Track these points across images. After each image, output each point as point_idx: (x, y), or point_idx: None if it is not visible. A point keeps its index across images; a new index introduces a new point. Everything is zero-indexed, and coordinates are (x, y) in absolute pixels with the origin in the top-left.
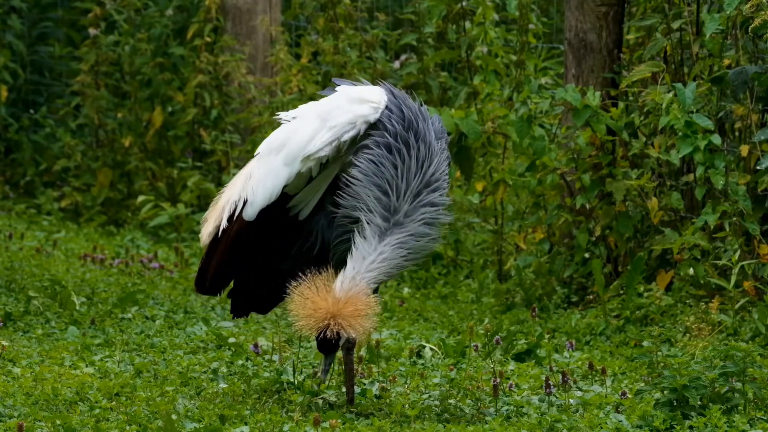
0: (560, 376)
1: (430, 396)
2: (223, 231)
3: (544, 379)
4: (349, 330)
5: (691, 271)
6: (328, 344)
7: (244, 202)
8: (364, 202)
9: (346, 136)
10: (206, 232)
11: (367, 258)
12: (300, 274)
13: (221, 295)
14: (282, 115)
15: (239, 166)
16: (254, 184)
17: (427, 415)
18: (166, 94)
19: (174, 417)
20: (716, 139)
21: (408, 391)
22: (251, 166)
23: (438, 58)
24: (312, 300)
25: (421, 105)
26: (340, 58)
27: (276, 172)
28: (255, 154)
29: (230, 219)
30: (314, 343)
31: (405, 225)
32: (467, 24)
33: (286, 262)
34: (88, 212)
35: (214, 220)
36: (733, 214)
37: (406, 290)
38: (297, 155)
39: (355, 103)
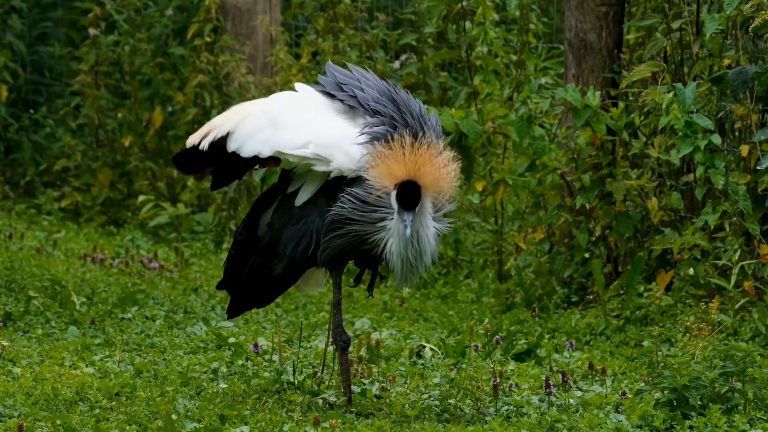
0: (560, 376)
1: (430, 396)
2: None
3: (544, 379)
4: (427, 186)
5: (691, 271)
6: (408, 199)
7: (228, 134)
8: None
9: (318, 167)
10: (192, 140)
11: None
12: (294, 276)
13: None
14: (300, 86)
15: None
16: (243, 127)
17: (427, 415)
18: (166, 94)
19: (174, 417)
20: (716, 139)
21: (408, 391)
22: (254, 108)
23: (438, 58)
24: (390, 161)
25: (421, 107)
26: (340, 58)
27: (257, 139)
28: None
29: (212, 144)
30: (314, 343)
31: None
32: (467, 24)
33: (281, 264)
34: (88, 212)
35: (201, 135)
36: (733, 214)
37: (406, 290)
38: (273, 146)
39: (343, 153)
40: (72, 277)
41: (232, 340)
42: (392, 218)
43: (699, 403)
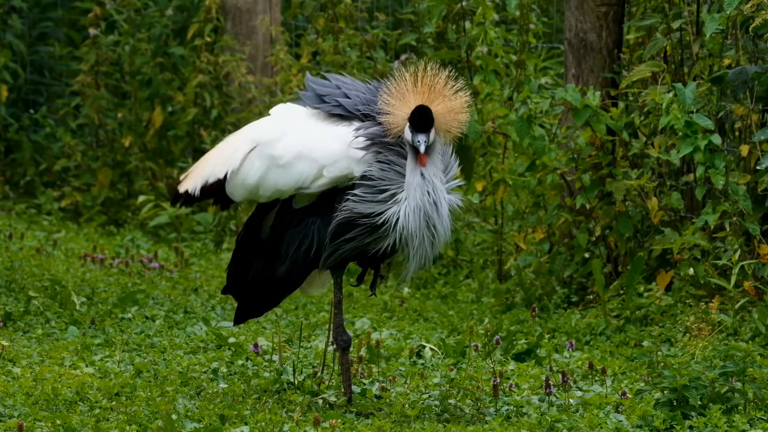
0: (560, 376)
1: (430, 396)
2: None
3: (544, 379)
4: (440, 113)
5: (691, 271)
6: (422, 121)
7: (226, 181)
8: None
9: (343, 183)
10: (184, 187)
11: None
12: (297, 278)
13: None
14: (276, 109)
15: None
16: (243, 175)
17: (427, 415)
18: (166, 94)
19: (174, 417)
20: (716, 139)
21: (408, 391)
22: (245, 145)
23: (438, 58)
24: (402, 91)
25: None
26: (340, 58)
27: (268, 186)
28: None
29: (203, 188)
30: (314, 343)
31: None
32: (467, 24)
33: (283, 266)
34: (88, 212)
35: (193, 180)
36: (733, 214)
37: (406, 290)
38: (297, 185)
39: (351, 160)
40: (72, 277)
41: (232, 340)
42: (402, 190)
43: (699, 403)
